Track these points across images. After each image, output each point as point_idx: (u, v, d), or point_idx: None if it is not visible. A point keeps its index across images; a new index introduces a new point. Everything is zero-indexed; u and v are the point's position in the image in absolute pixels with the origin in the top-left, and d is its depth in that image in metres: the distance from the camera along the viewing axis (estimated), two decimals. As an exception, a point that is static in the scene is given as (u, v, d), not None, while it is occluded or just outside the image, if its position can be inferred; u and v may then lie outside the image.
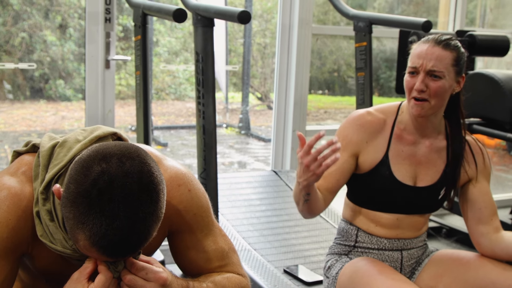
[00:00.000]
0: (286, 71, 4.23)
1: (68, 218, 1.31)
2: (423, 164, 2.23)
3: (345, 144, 2.17)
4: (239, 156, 7.94)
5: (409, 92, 2.14)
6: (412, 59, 2.14)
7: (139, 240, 1.33)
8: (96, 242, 1.29)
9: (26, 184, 1.47)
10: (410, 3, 8.41)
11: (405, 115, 2.23)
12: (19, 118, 7.06)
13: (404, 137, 2.23)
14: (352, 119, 2.22)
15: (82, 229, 1.29)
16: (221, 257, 1.67)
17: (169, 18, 2.83)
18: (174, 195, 1.58)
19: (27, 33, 6.61)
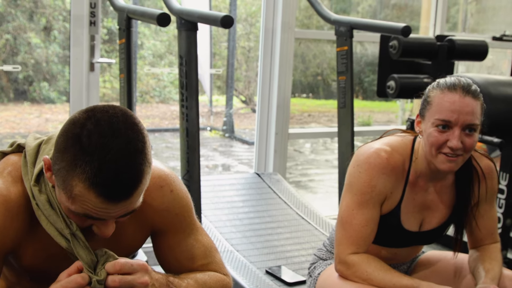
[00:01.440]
0: (269, 74, 4.27)
1: (60, 170, 1.34)
2: (430, 208, 2.13)
3: (375, 195, 2.02)
4: (223, 159, 7.97)
5: (437, 148, 1.95)
6: (443, 113, 1.92)
7: (133, 178, 1.33)
8: (92, 182, 1.30)
9: (12, 184, 1.48)
10: (393, 8, 8.47)
11: (420, 161, 2.05)
12: (2, 120, 7.03)
13: (417, 185, 2.09)
14: (376, 165, 2.01)
15: (77, 173, 1.31)
16: (204, 255, 1.69)
17: (153, 22, 2.86)
18: (156, 196, 1.60)
19: (11, 35, 6.59)
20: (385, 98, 9.44)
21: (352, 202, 2.04)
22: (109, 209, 1.35)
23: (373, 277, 1.97)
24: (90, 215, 1.36)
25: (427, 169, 2.05)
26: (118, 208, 1.36)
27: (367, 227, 2.03)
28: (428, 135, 1.96)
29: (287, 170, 4.52)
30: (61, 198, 1.39)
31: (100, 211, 1.35)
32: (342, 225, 2.06)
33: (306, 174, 7.59)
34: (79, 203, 1.34)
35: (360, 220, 2.02)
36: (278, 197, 3.80)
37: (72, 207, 1.36)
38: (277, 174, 4.11)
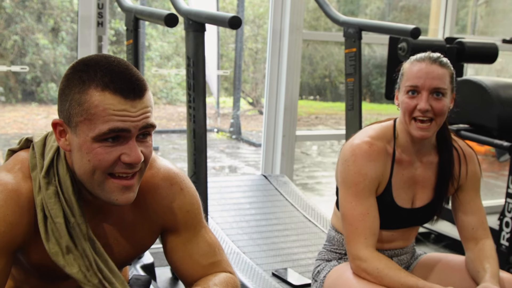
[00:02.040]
0: (276, 76, 4.26)
1: (72, 101, 1.40)
2: (419, 183, 2.20)
3: (368, 184, 2.09)
4: (230, 160, 7.96)
5: (410, 113, 2.07)
6: (411, 79, 2.07)
7: (139, 77, 1.42)
8: (104, 83, 1.37)
9: (23, 180, 1.49)
10: (401, 10, 8.45)
11: (402, 136, 2.16)
12: (10, 121, 7.05)
13: (403, 160, 2.17)
14: (362, 155, 2.10)
15: (87, 85, 1.38)
16: (214, 253, 1.71)
17: (160, 23, 2.85)
18: (167, 194, 1.64)
19: (20, 36, 6.61)
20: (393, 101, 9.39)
21: (348, 195, 2.11)
22: (128, 111, 1.38)
23: (383, 274, 2.01)
24: (115, 127, 1.38)
25: (408, 142, 2.16)
26: (136, 110, 1.39)
27: (369, 215, 2.09)
28: (401, 103, 2.10)
29: (294, 172, 4.51)
30: (82, 141, 1.40)
31: (122, 114, 1.38)
32: (345, 220, 2.11)
33: (313, 176, 7.57)
34: (101, 117, 1.37)
35: (361, 210, 2.08)
36: (285, 199, 3.79)
37: (96, 131, 1.38)
38: (284, 176, 4.10)
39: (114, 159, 1.41)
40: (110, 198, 1.45)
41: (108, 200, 1.45)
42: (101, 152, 1.40)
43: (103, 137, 1.39)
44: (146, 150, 1.45)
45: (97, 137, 1.38)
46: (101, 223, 1.59)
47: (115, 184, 1.43)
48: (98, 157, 1.40)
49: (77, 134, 1.41)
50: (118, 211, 1.60)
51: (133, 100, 1.39)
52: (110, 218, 1.60)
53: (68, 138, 1.44)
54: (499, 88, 3.75)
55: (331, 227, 2.38)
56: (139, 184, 1.49)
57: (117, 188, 1.43)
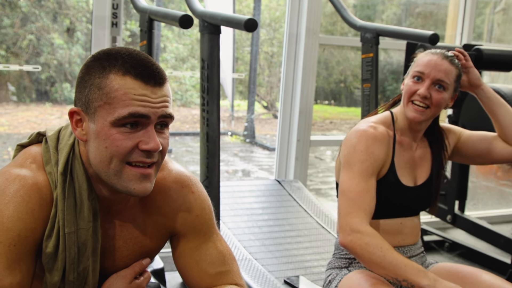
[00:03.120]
0: (292, 80, 4.23)
1: (92, 86, 1.39)
2: (418, 163, 2.30)
3: (373, 162, 2.14)
4: (243, 164, 7.94)
5: (410, 96, 2.20)
6: (419, 66, 2.19)
7: (159, 67, 1.43)
8: (126, 68, 1.38)
9: (39, 173, 1.45)
10: (418, 16, 8.41)
11: (400, 119, 2.27)
12: (23, 121, 7.06)
13: (403, 142, 2.27)
14: (369, 136, 2.17)
15: (109, 70, 1.38)
16: (223, 262, 1.66)
17: (175, 24, 2.82)
18: (177, 196, 1.62)
19: (35, 35, 6.62)
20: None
21: (352, 173, 2.13)
22: (149, 96, 1.38)
23: (386, 254, 2.00)
24: (134, 113, 1.37)
25: (406, 126, 2.26)
26: (156, 96, 1.39)
27: (369, 193, 2.11)
28: (405, 86, 2.23)
29: (308, 178, 4.47)
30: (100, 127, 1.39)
31: (142, 99, 1.37)
32: (345, 195, 2.12)
33: (327, 182, 7.53)
34: (121, 100, 1.37)
35: (363, 187, 2.11)
36: (298, 205, 3.75)
37: (115, 114, 1.37)
38: (297, 182, 4.06)
39: (132, 146, 1.39)
40: (127, 187, 1.41)
41: (125, 190, 1.42)
42: (119, 138, 1.38)
43: (122, 121, 1.37)
44: (163, 141, 1.44)
45: (116, 122, 1.37)
46: (111, 224, 1.56)
47: (133, 172, 1.40)
48: (115, 143, 1.38)
49: (95, 120, 1.39)
50: (128, 212, 1.57)
51: (154, 86, 1.39)
52: (121, 219, 1.57)
53: (85, 127, 1.42)
54: (517, 96, 3.70)
55: (337, 236, 2.33)
56: (155, 177, 1.46)
57: (134, 176, 1.41)
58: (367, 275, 2.17)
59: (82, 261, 1.47)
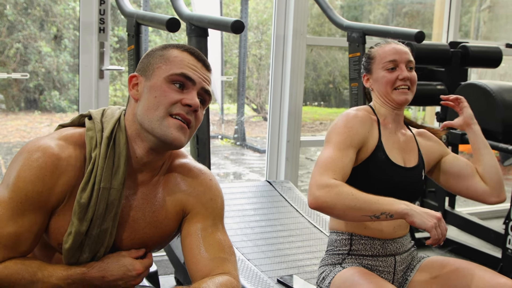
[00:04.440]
0: (280, 81, 4.24)
1: (154, 54, 1.71)
2: (405, 149, 2.38)
3: (352, 135, 2.21)
4: (235, 167, 7.94)
5: (392, 85, 2.32)
6: (387, 56, 2.34)
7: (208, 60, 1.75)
8: (184, 47, 1.71)
9: (66, 148, 1.63)
10: (405, 16, 8.44)
11: (379, 109, 2.38)
12: (13, 129, 7.03)
13: (387, 126, 2.36)
14: (351, 117, 2.27)
15: (171, 47, 1.71)
16: (222, 249, 1.75)
17: (162, 28, 2.84)
18: (196, 177, 1.79)
19: (22, 44, 6.60)
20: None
21: (330, 147, 2.19)
22: (198, 68, 1.69)
23: (358, 196, 2.03)
24: (185, 73, 1.66)
25: (388, 112, 2.37)
26: (203, 71, 1.70)
27: (342, 160, 2.15)
28: (381, 78, 2.34)
29: (299, 178, 4.48)
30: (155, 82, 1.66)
31: (193, 68, 1.68)
32: (317, 164, 2.15)
33: (318, 182, 7.52)
34: (178, 63, 1.67)
35: (336, 155, 2.15)
36: (290, 205, 3.76)
37: (170, 71, 1.66)
38: (288, 182, 4.07)
39: (177, 99, 1.64)
40: (166, 132, 1.63)
41: (163, 135, 1.63)
42: (168, 90, 1.64)
43: (175, 78, 1.65)
44: (199, 113, 1.70)
45: (169, 77, 1.65)
46: (135, 196, 1.71)
47: (173, 121, 1.63)
48: (164, 94, 1.64)
49: (151, 78, 1.67)
50: (152, 187, 1.73)
51: (203, 65, 1.71)
52: (144, 192, 1.72)
53: (140, 88, 1.69)
54: (503, 92, 3.73)
55: (331, 232, 2.39)
56: (188, 140, 1.69)
57: (174, 124, 1.63)
58: (360, 271, 2.19)
59: (106, 219, 1.64)
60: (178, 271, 3.29)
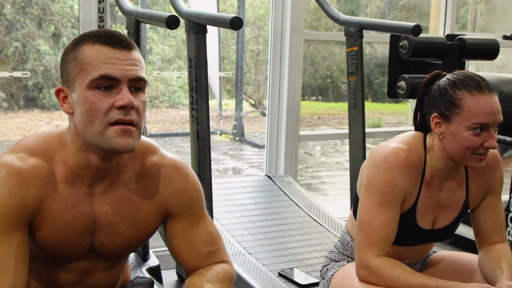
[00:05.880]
0: (279, 76, 4.26)
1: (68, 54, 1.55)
2: (444, 206, 2.14)
3: (396, 196, 2.00)
4: (234, 162, 7.96)
5: (473, 150, 1.96)
6: (480, 116, 1.93)
7: (127, 37, 1.55)
8: (95, 38, 1.52)
9: (27, 159, 1.56)
10: (402, 9, 8.46)
11: (437, 162, 2.06)
12: (13, 127, 7.06)
13: (432, 183, 2.09)
14: (396, 164, 2.00)
15: (81, 44, 1.53)
16: (212, 242, 1.76)
17: (162, 25, 2.85)
18: (173, 177, 1.71)
19: (21, 42, 6.62)
20: (395, 100, 9.38)
21: (372, 203, 2.01)
22: (117, 58, 1.51)
23: (399, 282, 1.96)
24: (104, 75, 1.49)
25: (443, 169, 2.06)
26: (125, 58, 1.52)
27: (388, 227, 2.01)
28: (463, 140, 1.95)
29: (298, 173, 4.51)
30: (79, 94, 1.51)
31: (111, 62, 1.50)
32: (362, 228, 2.03)
33: (317, 176, 7.57)
34: (93, 65, 1.50)
35: (381, 221, 2.00)
36: (289, 199, 3.79)
37: (89, 77, 1.49)
38: (288, 177, 4.10)
39: (108, 106, 1.49)
40: (111, 143, 1.51)
41: (109, 147, 1.51)
42: (95, 100, 1.49)
43: (95, 83, 1.49)
44: (139, 103, 1.54)
45: (90, 84, 1.49)
46: (108, 200, 1.64)
47: (114, 129, 1.50)
48: (93, 106, 1.49)
49: (75, 89, 1.52)
50: (124, 189, 1.66)
51: (121, 50, 1.52)
52: (117, 195, 1.65)
53: (70, 100, 1.55)
54: (501, 84, 3.75)
55: (346, 231, 2.33)
56: (139, 138, 1.56)
57: (116, 132, 1.50)
58: None
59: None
60: (179, 265, 3.32)
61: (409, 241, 2.17)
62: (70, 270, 1.69)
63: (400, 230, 2.06)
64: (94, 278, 1.73)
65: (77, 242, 1.62)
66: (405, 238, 2.13)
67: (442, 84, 2.03)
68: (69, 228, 1.59)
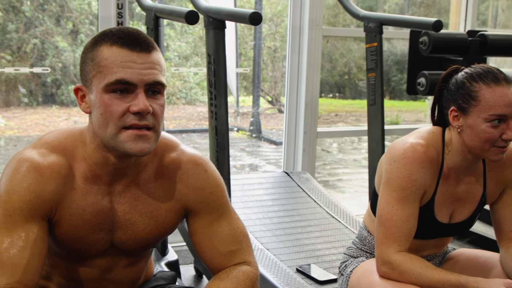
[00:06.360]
0: (297, 73, 4.25)
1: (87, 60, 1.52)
2: (461, 200, 2.14)
3: (415, 190, 2.00)
4: (251, 159, 7.96)
5: (491, 142, 1.95)
6: (497, 108, 1.92)
7: (147, 38, 1.52)
8: (112, 39, 1.49)
9: (48, 155, 1.57)
10: (420, 5, 8.41)
11: (455, 155, 2.05)
12: (32, 123, 7.11)
13: (450, 177, 2.09)
14: (414, 159, 1.99)
15: (99, 44, 1.51)
16: (233, 240, 1.72)
17: (181, 21, 2.85)
18: (191, 173, 1.69)
19: (39, 39, 6.65)
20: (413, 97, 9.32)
21: (391, 198, 2.01)
22: (135, 62, 1.48)
23: (421, 278, 1.95)
24: (121, 79, 1.46)
25: (461, 162, 2.06)
26: (142, 61, 1.48)
27: (408, 222, 2.00)
28: (481, 132, 1.94)
29: (315, 170, 4.49)
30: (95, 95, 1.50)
31: (128, 66, 1.47)
32: (382, 223, 2.03)
33: (334, 173, 7.55)
34: (110, 68, 1.47)
35: (401, 216, 2.00)
36: (307, 196, 3.77)
37: (105, 81, 1.47)
38: (306, 173, 4.09)
39: (123, 110, 1.48)
40: (124, 147, 1.50)
41: (123, 150, 1.51)
42: (111, 104, 1.48)
43: (111, 87, 1.47)
44: (156, 107, 1.51)
45: (106, 88, 1.48)
46: (126, 199, 1.64)
47: (128, 134, 1.49)
48: (108, 109, 1.48)
49: (92, 90, 1.51)
50: (143, 188, 1.66)
51: (139, 52, 1.49)
52: (136, 194, 1.65)
53: (87, 100, 1.54)
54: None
55: (363, 226, 2.33)
56: (156, 141, 1.54)
57: (130, 137, 1.49)
58: None
59: None
60: (197, 260, 3.32)
61: (427, 234, 2.16)
62: (91, 266, 1.69)
63: (418, 224, 2.05)
64: (116, 274, 1.73)
65: (95, 239, 1.62)
66: (423, 231, 2.12)
67: (459, 77, 2.02)
68: (87, 225, 1.60)
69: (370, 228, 2.28)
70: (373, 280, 2.07)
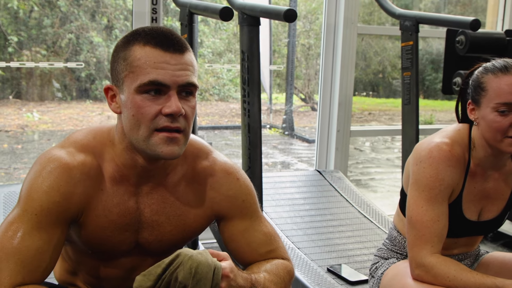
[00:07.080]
0: (331, 71, 4.22)
1: (118, 53, 1.51)
2: (490, 197, 2.12)
3: (443, 189, 1.99)
4: (283, 156, 7.95)
5: (502, 133, 1.94)
6: (501, 95, 1.92)
7: (179, 37, 1.50)
8: (146, 39, 1.47)
9: (77, 155, 1.55)
10: (457, 4, 8.31)
11: (479, 151, 2.04)
12: (66, 118, 7.18)
13: (477, 174, 2.08)
14: (440, 158, 1.99)
15: (132, 43, 1.49)
16: (269, 241, 1.75)
17: (215, 17, 2.85)
18: (224, 182, 1.69)
19: (74, 34, 6.71)
20: (447, 97, 9.22)
21: (420, 199, 2.00)
22: (168, 63, 1.45)
23: (456, 281, 1.93)
24: (154, 81, 1.44)
25: (486, 157, 2.05)
26: (175, 63, 1.46)
27: (439, 222, 1.99)
28: (490, 122, 1.95)
29: (347, 169, 4.46)
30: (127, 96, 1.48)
31: (161, 67, 1.45)
32: (412, 225, 2.02)
33: (367, 172, 7.50)
34: (142, 69, 1.45)
35: (431, 216, 1.98)
36: (339, 195, 3.75)
37: (138, 82, 1.45)
38: (338, 172, 4.06)
39: (156, 112, 1.46)
40: (155, 150, 1.48)
41: (154, 153, 1.49)
42: (143, 105, 1.46)
43: (144, 88, 1.45)
44: (188, 109, 1.50)
45: (138, 89, 1.46)
46: (154, 200, 1.64)
47: (159, 136, 1.47)
48: (140, 110, 1.46)
49: (123, 91, 1.49)
50: (172, 190, 1.65)
51: (173, 53, 1.46)
52: (164, 196, 1.65)
53: (118, 100, 1.53)
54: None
55: (393, 226, 2.31)
56: (185, 145, 1.53)
57: (161, 140, 1.48)
58: None
59: None
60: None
61: (456, 232, 2.14)
62: (116, 265, 1.70)
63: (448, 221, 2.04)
64: None
65: (121, 239, 1.62)
66: (452, 229, 2.10)
67: (476, 72, 2.04)
68: (113, 226, 1.60)
69: (400, 228, 2.26)
70: (406, 283, 2.05)
